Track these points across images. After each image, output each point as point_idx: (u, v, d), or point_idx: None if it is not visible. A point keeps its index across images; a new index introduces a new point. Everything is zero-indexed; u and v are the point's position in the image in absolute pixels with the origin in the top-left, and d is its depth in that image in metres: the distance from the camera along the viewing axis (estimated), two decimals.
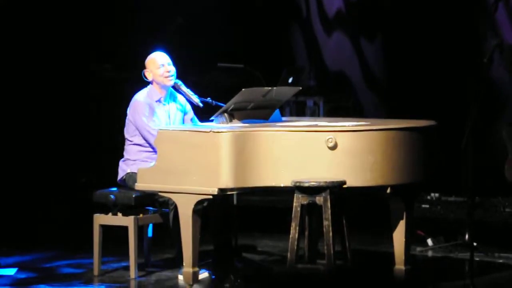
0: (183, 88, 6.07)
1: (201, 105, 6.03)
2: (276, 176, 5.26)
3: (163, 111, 6.03)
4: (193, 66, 7.13)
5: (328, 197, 5.15)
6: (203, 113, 6.07)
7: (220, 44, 8.36)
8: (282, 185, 5.25)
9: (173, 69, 6.01)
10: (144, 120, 5.88)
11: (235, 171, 5.26)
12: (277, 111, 5.90)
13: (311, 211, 5.60)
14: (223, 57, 7.18)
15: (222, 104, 5.84)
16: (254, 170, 5.27)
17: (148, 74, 6.01)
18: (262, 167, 5.27)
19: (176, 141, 5.43)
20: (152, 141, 5.74)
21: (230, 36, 8.54)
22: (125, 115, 6.03)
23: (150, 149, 5.86)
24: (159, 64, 5.98)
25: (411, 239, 5.62)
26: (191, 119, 6.18)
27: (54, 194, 8.14)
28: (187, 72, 6.27)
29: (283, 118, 6.03)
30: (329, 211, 5.15)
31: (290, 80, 7.54)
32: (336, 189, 5.18)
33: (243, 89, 5.60)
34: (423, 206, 8.06)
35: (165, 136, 5.50)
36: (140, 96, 5.98)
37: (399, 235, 5.57)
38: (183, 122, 6.11)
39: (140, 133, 5.92)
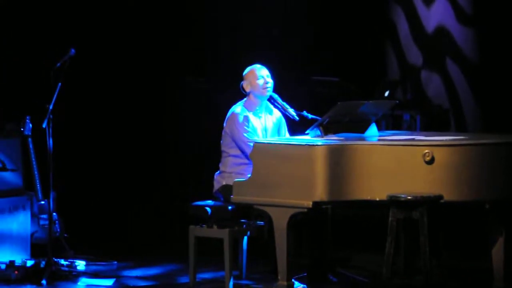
0: (279, 101, 6.17)
1: (296, 118, 6.09)
2: (371, 190, 5.31)
3: (258, 123, 6.12)
4: (288, 80, 7.19)
5: (425, 212, 5.15)
6: (299, 126, 6.12)
7: (315, 58, 8.31)
8: (377, 199, 5.30)
9: (271, 82, 6.11)
10: (241, 132, 5.97)
11: (330, 184, 5.32)
12: (373, 125, 5.94)
13: (407, 226, 5.63)
14: (318, 70, 7.21)
15: (317, 118, 5.88)
16: (349, 184, 5.33)
17: (247, 86, 6.12)
18: (357, 180, 5.32)
19: (271, 154, 5.52)
20: (248, 152, 5.81)
21: (325, 49, 8.48)
22: (221, 127, 6.12)
23: (246, 161, 5.93)
24: (259, 76, 6.09)
25: None
26: (284, 133, 6.25)
27: (151, 206, 8.27)
28: (283, 86, 6.36)
29: (379, 132, 6.06)
30: (426, 227, 5.15)
31: (387, 93, 7.51)
32: (433, 204, 5.19)
33: (338, 103, 5.66)
34: None
35: (261, 149, 5.59)
36: (237, 108, 6.08)
37: (497, 252, 5.56)
38: (277, 135, 6.18)
39: (237, 145, 6.01)
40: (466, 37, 8.09)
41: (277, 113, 6.22)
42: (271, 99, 6.18)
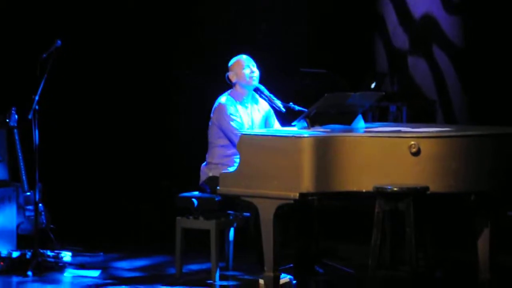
0: (266, 93, 6.16)
1: (283, 110, 6.09)
2: (358, 181, 5.31)
3: (245, 113, 6.11)
4: (275, 71, 7.21)
5: (411, 203, 5.14)
6: (285, 118, 6.11)
7: (302, 50, 8.41)
8: (364, 190, 5.29)
9: (257, 71, 6.10)
10: (229, 122, 5.96)
11: (316, 176, 5.31)
12: (359, 117, 5.92)
13: (393, 217, 5.64)
14: (306, 62, 7.23)
15: (304, 109, 5.88)
16: (336, 175, 5.32)
17: (232, 76, 6.10)
18: (344, 172, 5.31)
19: (258, 146, 5.51)
20: (237, 142, 5.76)
21: (312, 41, 8.49)
22: (206, 119, 6.11)
23: (233, 152, 5.92)
24: (245, 65, 6.08)
25: (498, 248, 5.59)
26: (273, 124, 6.23)
27: (137, 197, 8.30)
28: (270, 77, 6.36)
29: (366, 124, 6.04)
30: (412, 218, 5.14)
31: (373, 85, 7.50)
32: (419, 195, 5.18)
33: (325, 94, 5.65)
34: None
35: (247, 141, 5.57)
36: (224, 98, 6.07)
37: (483, 243, 5.56)
38: (265, 126, 6.17)
39: (226, 135, 5.99)
40: (452, 24, 8.21)
41: (264, 104, 6.22)
42: (257, 91, 6.17)
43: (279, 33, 8.46)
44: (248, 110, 6.13)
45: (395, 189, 5.17)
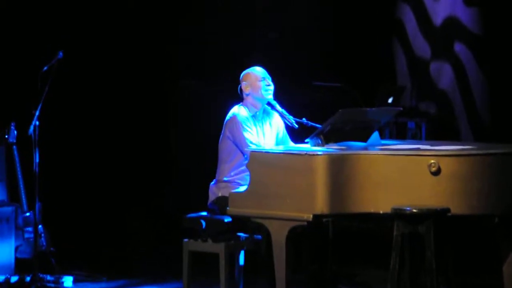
0: (278, 107, 6.15)
1: (296, 126, 6.08)
2: (374, 202, 5.29)
3: (258, 127, 6.10)
4: (287, 85, 7.18)
5: (431, 225, 5.12)
6: (298, 135, 6.11)
7: (315, 61, 8.41)
8: (381, 211, 5.27)
9: (273, 85, 6.10)
10: (244, 135, 5.94)
11: (331, 196, 5.30)
12: (376, 133, 5.92)
13: (413, 240, 5.56)
14: (319, 75, 7.28)
15: (317, 125, 5.88)
16: (351, 196, 5.31)
17: (246, 87, 6.09)
18: (360, 192, 5.30)
19: (269, 164, 5.49)
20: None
21: (326, 53, 8.49)
22: (217, 132, 6.09)
23: (244, 170, 5.88)
24: (261, 77, 6.08)
25: None
26: (285, 140, 6.22)
27: (142, 217, 8.29)
28: (280, 91, 6.34)
29: (382, 141, 6.04)
30: (432, 241, 5.13)
31: (390, 100, 7.47)
32: (440, 217, 5.16)
33: (340, 110, 5.64)
34: None
35: (258, 158, 5.55)
36: (238, 110, 6.05)
37: (508, 268, 5.50)
38: (277, 143, 6.16)
39: (240, 150, 5.95)
40: (474, 22, 8.30)
41: (276, 120, 6.21)
42: (269, 105, 6.16)
43: (289, 43, 8.49)
44: (260, 125, 6.12)
45: (415, 210, 5.14)
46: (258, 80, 6.06)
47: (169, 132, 8.54)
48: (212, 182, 6.11)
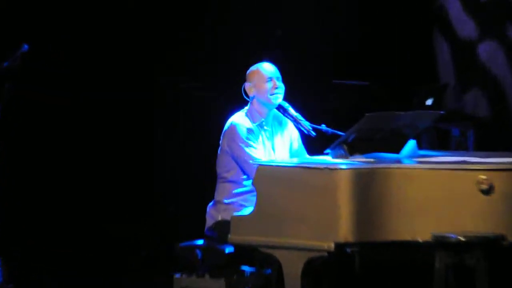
0: (291, 111, 6.10)
1: (313, 133, 6.02)
2: (411, 228, 5.26)
3: (264, 138, 6.09)
4: (302, 85, 7.27)
5: (482, 256, 5.10)
6: (316, 145, 6.11)
7: (335, 56, 8.44)
8: (419, 240, 5.24)
9: (282, 86, 6.08)
10: (244, 149, 5.94)
11: (357, 220, 5.26)
12: (412, 142, 5.89)
13: (459, 274, 5.53)
14: (340, 72, 7.15)
15: (340, 133, 5.88)
16: (382, 220, 5.28)
17: (250, 89, 6.06)
18: (393, 215, 5.27)
19: (280, 180, 5.45)
20: (251, 172, 5.75)
21: (349, 45, 8.52)
22: (216, 143, 6.09)
23: (249, 189, 5.91)
24: (267, 77, 6.05)
25: None
26: (300, 152, 6.20)
27: (127, 246, 8.33)
28: (295, 92, 6.30)
29: (420, 152, 6.01)
30: (484, 275, 5.09)
31: (430, 101, 7.42)
32: (493, 246, 5.13)
33: (367, 114, 5.58)
34: None
35: (266, 174, 5.50)
36: (238, 118, 6.04)
37: None
38: (290, 155, 6.15)
39: (240, 166, 5.96)
40: None
41: (289, 127, 6.21)
42: (280, 109, 6.13)
43: (303, 34, 8.58)
44: (268, 134, 6.10)
45: (461, 238, 5.11)
46: (264, 80, 6.05)
47: (158, 143, 8.69)
48: (210, 204, 6.10)
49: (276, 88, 6.01)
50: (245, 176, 5.95)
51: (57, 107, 8.48)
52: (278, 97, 6.03)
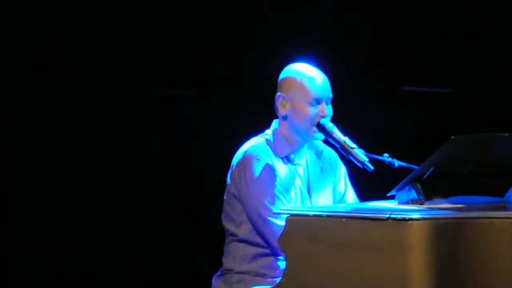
0: (337, 134, 6.10)
1: (370, 167, 6.01)
2: None
3: (294, 176, 6.17)
4: (352, 91, 7.38)
5: None
6: (375, 182, 6.19)
7: (404, 53, 8.55)
8: None
9: (331, 111, 6.13)
10: (258, 194, 6.01)
11: None
12: None
13: None
14: (412, 75, 7.13)
15: (412, 166, 5.93)
16: None
17: (283, 105, 6.11)
18: (496, 285, 5.29)
19: (321, 237, 5.47)
20: (273, 237, 5.84)
21: (422, 37, 8.71)
22: (219, 177, 6.35)
23: (270, 251, 6.03)
24: (315, 97, 6.08)
25: None
26: (347, 195, 6.34)
27: None
28: (341, 103, 6.38)
29: None
30: None
31: None
32: None
33: (452, 137, 5.53)
34: None
35: (301, 228, 5.53)
36: (256, 149, 6.10)
37: None
38: (334, 201, 6.26)
39: (250, 220, 6.04)
40: None
41: (333, 157, 6.34)
42: (325, 134, 6.14)
43: (355, 25, 8.72)
44: (301, 171, 6.20)
45: None
46: (308, 99, 6.08)
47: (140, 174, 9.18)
48: (217, 273, 6.22)
49: (323, 117, 6.05)
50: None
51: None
52: (319, 134, 6.07)
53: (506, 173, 5.78)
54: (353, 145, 6.03)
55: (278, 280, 5.55)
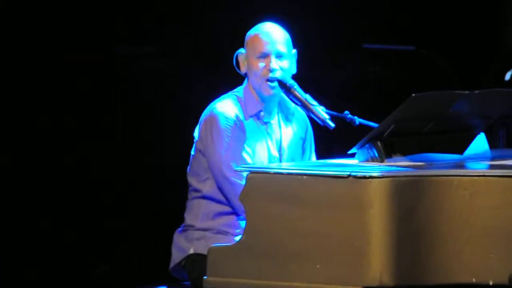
0: (299, 94, 6.12)
1: (331, 125, 6.03)
2: (478, 265, 5.30)
3: (264, 135, 6.18)
4: (319, 52, 7.35)
5: None
6: (335, 141, 6.31)
7: (368, 12, 8.55)
8: (490, 283, 5.29)
9: (285, 64, 6.11)
10: (223, 153, 6.02)
11: (397, 254, 5.27)
12: (481, 138, 5.96)
13: None
14: (375, 31, 7.33)
15: (372, 124, 5.99)
16: (435, 254, 5.31)
17: (243, 62, 6.17)
18: (451, 247, 5.30)
19: (282, 196, 5.45)
20: (234, 193, 5.85)
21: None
22: (186, 139, 6.27)
23: (235, 209, 6.05)
24: (262, 50, 6.11)
25: None
26: (310, 152, 6.37)
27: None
28: (309, 64, 6.37)
29: (493, 152, 6.07)
30: None
31: (509, 75, 7.44)
32: None
33: (413, 95, 5.55)
34: None
35: (262, 186, 5.51)
36: (224, 106, 6.13)
37: None
38: (302, 157, 6.29)
39: (214, 178, 6.05)
40: None
41: (300, 117, 6.36)
42: (283, 87, 6.15)
43: None
44: (270, 131, 6.23)
45: None
46: (255, 54, 6.12)
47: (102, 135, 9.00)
48: (179, 229, 6.24)
49: (271, 70, 6.05)
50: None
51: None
52: (274, 88, 6.09)
53: (465, 130, 5.83)
54: (314, 103, 6.06)
55: (238, 237, 5.54)
